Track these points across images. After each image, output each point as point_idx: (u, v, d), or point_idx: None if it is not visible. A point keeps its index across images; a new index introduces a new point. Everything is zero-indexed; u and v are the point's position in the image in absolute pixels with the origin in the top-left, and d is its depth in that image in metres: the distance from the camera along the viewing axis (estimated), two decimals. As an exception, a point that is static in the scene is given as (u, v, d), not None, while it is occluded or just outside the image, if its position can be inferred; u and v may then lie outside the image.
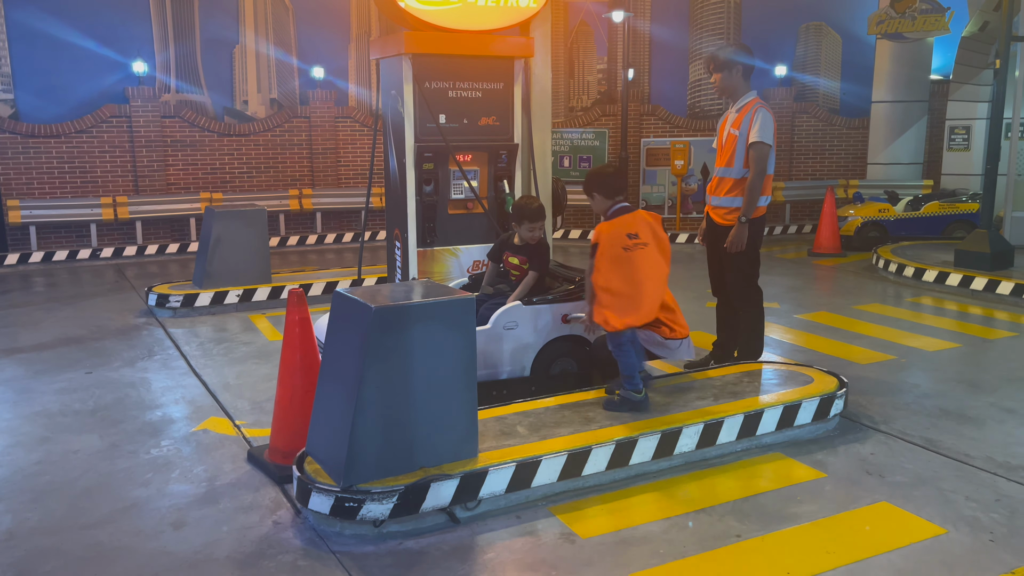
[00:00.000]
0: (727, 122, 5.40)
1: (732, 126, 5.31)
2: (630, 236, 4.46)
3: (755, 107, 5.25)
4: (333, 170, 13.68)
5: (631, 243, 4.44)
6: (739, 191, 5.28)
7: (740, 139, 5.24)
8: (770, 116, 5.21)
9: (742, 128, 5.24)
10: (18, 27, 11.90)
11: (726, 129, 5.38)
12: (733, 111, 5.38)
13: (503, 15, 5.71)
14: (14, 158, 11.77)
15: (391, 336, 3.60)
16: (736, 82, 5.33)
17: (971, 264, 9.09)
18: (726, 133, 5.36)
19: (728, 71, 5.31)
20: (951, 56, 13.10)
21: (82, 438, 4.84)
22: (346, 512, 3.58)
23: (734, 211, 5.32)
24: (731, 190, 5.33)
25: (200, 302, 8.09)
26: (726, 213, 5.38)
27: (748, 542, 3.57)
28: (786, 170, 14.45)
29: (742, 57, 5.32)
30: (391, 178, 6.00)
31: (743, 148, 5.23)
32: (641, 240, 4.46)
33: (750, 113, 5.23)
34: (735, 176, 5.29)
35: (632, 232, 4.47)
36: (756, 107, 5.25)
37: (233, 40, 13.30)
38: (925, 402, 5.36)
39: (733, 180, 5.31)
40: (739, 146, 5.25)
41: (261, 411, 5.24)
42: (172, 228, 12.65)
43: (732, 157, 5.29)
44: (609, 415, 4.46)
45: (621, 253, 4.42)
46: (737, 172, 5.27)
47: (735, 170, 5.28)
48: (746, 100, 5.32)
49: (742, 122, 5.24)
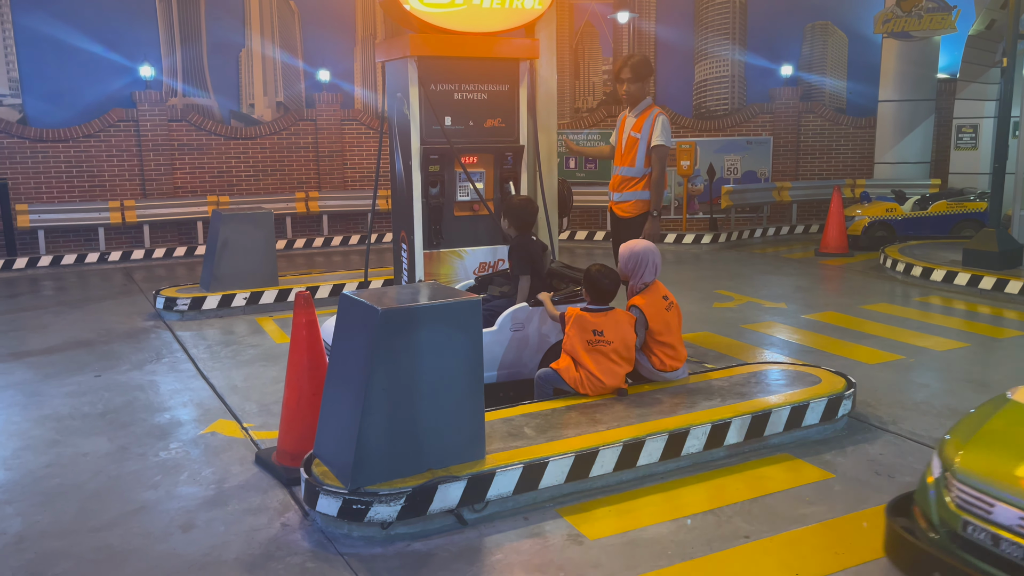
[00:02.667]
0: (625, 125, 5.92)
1: (633, 129, 5.84)
2: (595, 332, 4.74)
3: (654, 113, 5.80)
4: (339, 172, 13.71)
5: (595, 339, 4.74)
6: (642, 186, 5.84)
7: (641, 142, 5.78)
8: (667, 121, 5.82)
9: (643, 131, 5.77)
10: (26, 32, 11.96)
11: (625, 131, 5.90)
12: (632, 115, 5.90)
13: (508, 17, 5.72)
14: (22, 162, 11.83)
15: (398, 338, 3.60)
16: (643, 90, 5.87)
17: (979, 263, 9.05)
18: (626, 135, 5.88)
19: (642, 82, 5.84)
20: (958, 55, 13.05)
21: (91, 441, 4.86)
22: (354, 514, 3.58)
23: (637, 203, 5.87)
24: (634, 186, 5.87)
25: (207, 305, 8.11)
26: (630, 206, 5.91)
27: (756, 543, 3.56)
28: (792, 170, 14.42)
29: (648, 70, 5.93)
30: (397, 180, 6.01)
31: (644, 149, 5.78)
32: (605, 339, 4.74)
33: (650, 118, 5.77)
34: (637, 175, 5.84)
35: (598, 329, 4.74)
36: (655, 113, 5.80)
37: (239, 43, 13.34)
38: (934, 402, 5.34)
39: (636, 178, 5.85)
40: (640, 148, 5.79)
41: (269, 413, 5.25)
42: (179, 231, 12.69)
43: (634, 158, 5.82)
44: (616, 417, 4.46)
45: (586, 345, 4.74)
46: (639, 171, 5.82)
47: (636, 169, 5.82)
48: (645, 106, 5.86)
49: (643, 126, 5.78)
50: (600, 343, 4.71)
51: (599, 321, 4.72)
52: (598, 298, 4.82)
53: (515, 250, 5.32)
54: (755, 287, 9.31)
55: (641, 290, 5.00)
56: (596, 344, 4.71)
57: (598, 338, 4.71)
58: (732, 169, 13.83)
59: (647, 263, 4.99)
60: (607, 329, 4.72)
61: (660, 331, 4.94)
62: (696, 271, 10.55)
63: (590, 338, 4.70)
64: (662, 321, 4.94)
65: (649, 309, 4.91)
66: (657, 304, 4.95)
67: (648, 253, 5.02)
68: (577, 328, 4.72)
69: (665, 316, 4.96)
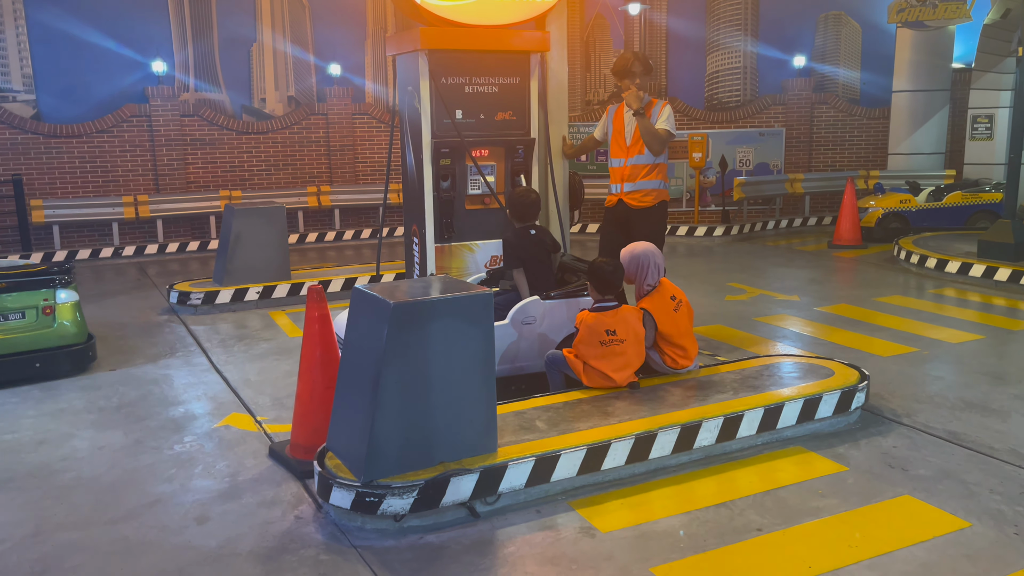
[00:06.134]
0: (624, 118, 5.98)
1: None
2: (608, 332, 4.72)
3: (661, 103, 5.98)
4: (351, 167, 13.73)
5: (609, 339, 4.72)
6: (655, 174, 5.92)
7: None
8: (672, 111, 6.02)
9: (652, 119, 5.86)
10: (39, 28, 12.03)
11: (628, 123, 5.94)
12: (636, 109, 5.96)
13: (519, 9, 5.70)
14: (37, 158, 11.91)
15: (410, 332, 3.61)
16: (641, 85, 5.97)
17: (994, 255, 8.97)
18: (630, 127, 5.93)
19: (632, 76, 5.92)
20: (973, 44, 12.92)
21: (106, 434, 4.90)
22: (367, 507, 3.60)
23: (653, 192, 5.92)
24: (647, 174, 5.93)
25: (221, 299, 8.15)
26: (644, 195, 5.93)
27: (769, 536, 3.56)
28: (805, 161, 14.33)
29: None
30: (408, 174, 6.01)
31: None
32: (618, 337, 4.72)
33: (657, 107, 5.93)
34: (649, 162, 5.91)
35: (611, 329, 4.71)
36: (662, 103, 5.98)
37: (250, 38, 13.37)
38: (948, 394, 5.31)
39: (648, 165, 5.91)
40: None
41: (282, 407, 5.28)
42: (192, 226, 12.75)
43: (643, 146, 5.89)
44: (628, 409, 4.46)
45: (599, 346, 4.73)
46: (649, 158, 5.90)
47: (647, 156, 5.90)
48: (648, 100, 5.96)
49: (652, 115, 5.88)
50: (613, 342, 4.70)
51: (610, 320, 4.71)
52: (604, 288, 4.79)
53: (505, 244, 5.34)
54: (768, 280, 9.28)
55: (648, 292, 4.97)
56: (610, 344, 4.70)
57: (611, 338, 4.69)
58: (744, 161, 13.76)
59: (648, 265, 4.96)
60: (619, 327, 4.70)
61: (670, 333, 4.93)
62: (708, 264, 10.51)
63: (603, 339, 4.68)
64: (671, 324, 4.93)
65: (657, 313, 4.89)
66: (665, 307, 4.93)
67: (648, 254, 4.98)
68: (589, 332, 4.69)
69: (674, 318, 4.94)
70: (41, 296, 5.91)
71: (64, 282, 6.04)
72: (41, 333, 5.90)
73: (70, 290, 6.07)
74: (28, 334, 5.85)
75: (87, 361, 6.16)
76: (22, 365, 5.82)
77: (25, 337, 5.84)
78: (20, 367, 5.81)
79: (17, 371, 5.81)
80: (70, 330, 6.02)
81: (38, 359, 5.89)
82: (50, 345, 5.92)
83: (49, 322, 5.92)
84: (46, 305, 5.92)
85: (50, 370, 5.93)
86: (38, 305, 5.89)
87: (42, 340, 5.90)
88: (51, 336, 5.93)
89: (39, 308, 5.89)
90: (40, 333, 5.89)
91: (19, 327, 5.84)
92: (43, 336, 5.90)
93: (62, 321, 5.97)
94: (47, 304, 5.92)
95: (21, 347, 5.82)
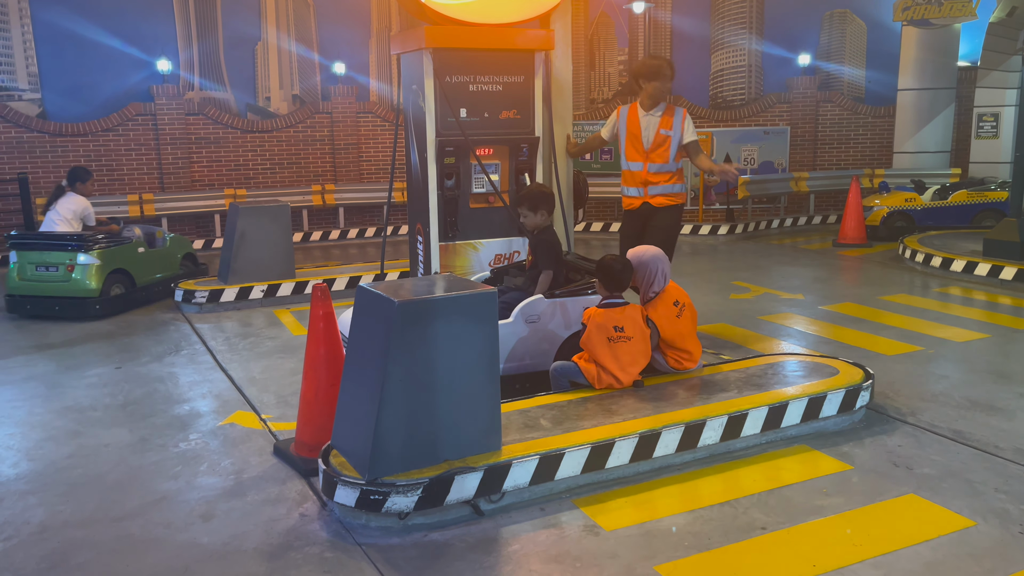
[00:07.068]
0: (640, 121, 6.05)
1: (662, 127, 6.03)
2: (616, 329, 4.72)
3: (680, 111, 6.06)
4: (355, 165, 13.74)
5: (616, 335, 4.73)
6: (676, 179, 6.13)
7: (673, 139, 6.01)
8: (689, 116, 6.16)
9: (674, 129, 6.00)
10: (45, 27, 12.06)
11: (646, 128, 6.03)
12: (653, 112, 6.03)
13: (523, 8, 5.70)
14: (42, 156, 11.94)
15: (414, 330, 3.61)
16: (665, 90, 6.05)
17: (1000, 253, 8.95)
18: (650, 132, 6.03)
19: (664, 80, 5.97)
20: (978, 42, 12.88)
21: (112, 432, 4.91)
22: (371, 505, 3.61)
23: (673, 195, 6.16)
24: (670, 180, 6.12)
25: (225, 297, 8.17)
26: (666, 199, 6.14)
27: (773, 534, 3.55)
28: (810, 160, 14.31)
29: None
30: (413, 173, 6.02)
31: (676, 146, 6.02)
32: (626, 334, 4.73)
33: (678, 116, 6.02)
34: (672, 169, 6.10)
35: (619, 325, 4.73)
36: (682, 111, 6.07)
37: (255, 37, 13.39)
38: (953, 393, 5.30)
39: (670, 172, 6.10)
40: (672, 144, 6.01)
41: (286, 405, 5.29)
42: (197, 224, 12.78)
43: (666, 153, 6.03)
44: (632, 408, 4.46)
45: (607, 342, 4.74)
46: (672, 166, 6.10)
47: (670, 164, 6.07)
48: (665, 104, 6.07)
49: (673, 124, 6.00)
50: (621, 339, 4.71)
51: (618, 317, 4.72)
52: (612, 285, 4.80)
53: (544, 243, 5.28)
54: (772, 278, 9.26)
55: (652, 299, 4.98)
56: (617, 340, 4.70)
57: (619, 334, 4.70)
58: (749, 159, 13.74)
59: (656, 272, 4.96)
60: (627, 324, 4.71)
61: (673, 340, 4.94)
62: (713, 262, 10.51)
63: (611, 335, 4.69)
64: (674, 331, 4.94)
65: (660, 321, 4.90)
66: (668, 314, 4.93)
67: (656, 261, 4.98)
68: (597, 327, 4.71)
69: (676, 324, 4.94)
70: (68, 256, 7.70)
71: (87, 247, 7.75)
72: (62, 284, 7.73)
73: (90, 255, 7.74)
74: (55, 284, 7.74)
75: (92, 312, 7.75)
76: (47, 305, 7.79)
77: (53, 286, 7.75)
78: (46, 306, 7.80)
79: (45, 309, 7.79)
80: (84, 285, 7.72)
81: (57, 303, 7.76)
82: (67, 295, 7.74)
83: (69, 277, 7.71)
84: (70, 264, 7.69)
85: (65, 312, 7.74)
86: (64, 263, 7.71)
87: (62, 290, 7.74)
88: (69, 287, 7.73)
89: (65, 266, 7.71)
90: (61, 284, 7.73)
91: (52, 277, 7.76)
92: (62, 287, 7.73)
93: (78, 278, 7.71)
94: (71, 263, 7.69)
95: (49, 292, 7.77)
